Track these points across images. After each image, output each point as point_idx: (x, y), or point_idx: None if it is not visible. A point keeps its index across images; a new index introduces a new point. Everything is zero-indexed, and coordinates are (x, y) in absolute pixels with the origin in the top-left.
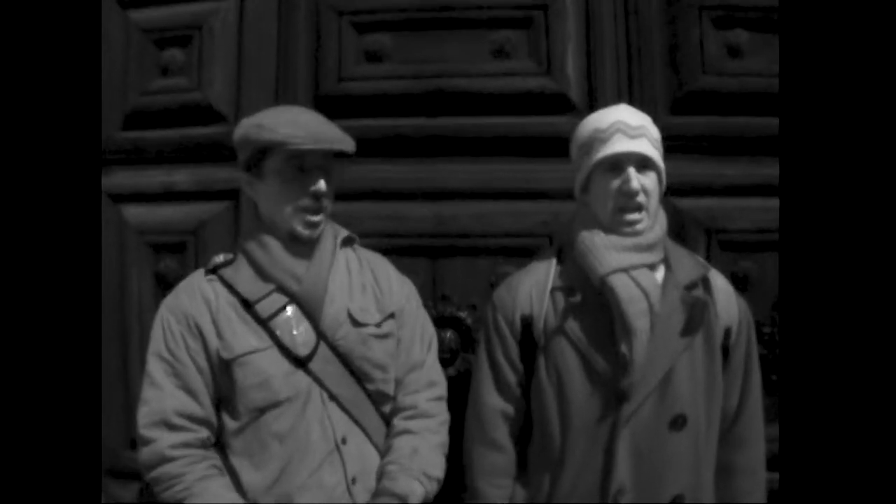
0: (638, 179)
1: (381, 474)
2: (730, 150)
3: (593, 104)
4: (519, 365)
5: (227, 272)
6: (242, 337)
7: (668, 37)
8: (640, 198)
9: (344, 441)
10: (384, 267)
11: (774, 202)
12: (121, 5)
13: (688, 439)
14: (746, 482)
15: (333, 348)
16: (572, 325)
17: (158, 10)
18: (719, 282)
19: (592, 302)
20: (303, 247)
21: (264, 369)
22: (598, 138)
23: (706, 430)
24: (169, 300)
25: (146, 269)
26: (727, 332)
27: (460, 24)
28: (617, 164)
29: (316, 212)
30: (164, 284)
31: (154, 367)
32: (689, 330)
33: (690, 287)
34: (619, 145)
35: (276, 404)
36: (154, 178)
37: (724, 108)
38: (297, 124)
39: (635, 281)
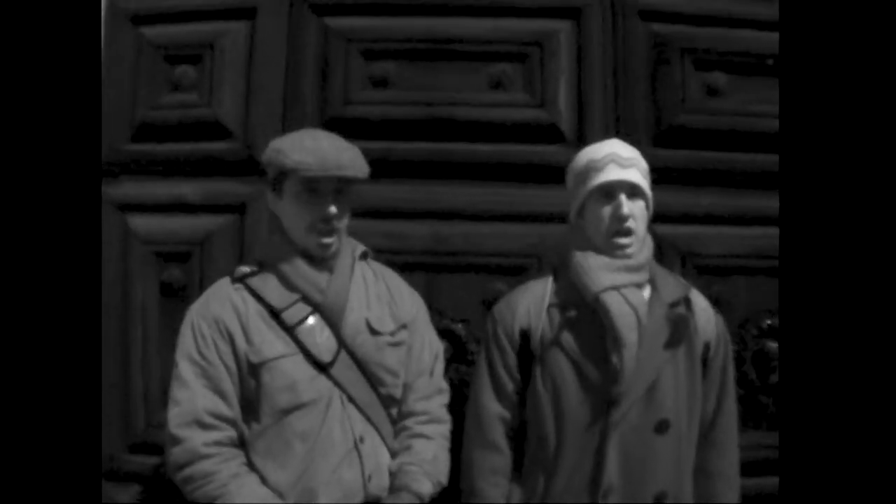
0: (628, 206)
1: (398, 472)
2: (706, 181)
3: (582, 136)
4: (517, 374)
5: (254, 282)
6: (270, 343)
7: (652, 76)
8: (630, 223)
9: (362, 440)
10: (396, 280)
11: (745, 230)
12: (133, 22)
13: (670, 442)
14: (722, 484)
15: (352, 354)
16: (567, 338)
17: (170, 27)
18: (699, 301)
19: (585, 317)
20: (323, 260)
21: (291, 373)
22: (594, 168)
23: (687, 433)
24: (198, 307)
25: (151, 277)
26: (706, 346)
27: (461, 56)
28: (610, 191)
29: (328, 234)
30: (169, 293)
31: (185, 368)
32: (672, 343)
33: (674, 305)
34: (612, 174)
35: (300, 406)
36: (162, 189)
37: (701, 143)
38: (310, 150)
39: (625, 298)
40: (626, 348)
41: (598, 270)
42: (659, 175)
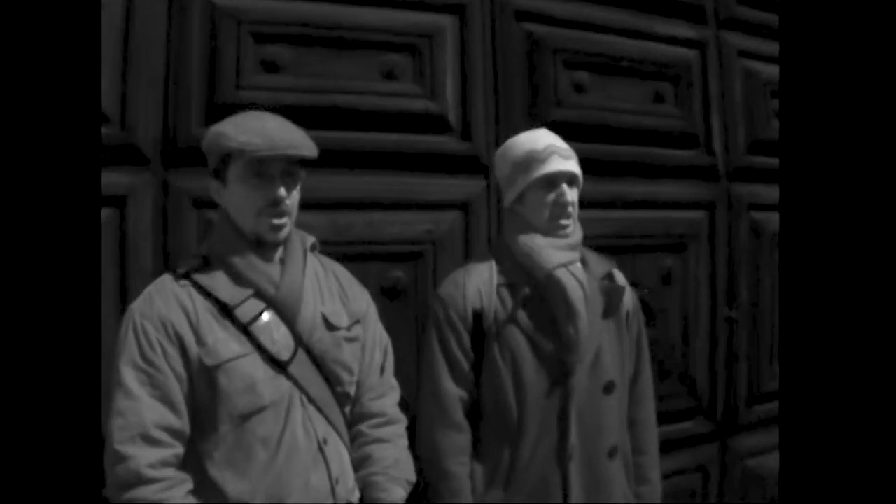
0: (570, 193)
1: (365, 486)
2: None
3: (467, 128)
4: (471, 353)
5: (201, 277)
6: (225, 343)
7: (529, 73)
8: (570, 208)
9: (325, 442)
10: (346, 273)
11: (610, 213)
12: None
13: (615, 400)
14: (646, 432)
15: (308, 352)
16: (521, 315)
17: None
18: (619, 275)
19: (535, 294)
20: (272, 251)
21: (250, 374)
22: (536, 158)
23: (624, 392)
24: (141, 306)
25: None
26: (627, 314)
27: (355, 44)
28: (552, 180)
29: (279, 215)
30: None
31: (128, 376)
32: (608, 312)
33: (603, 279)
34: (556, 165)
35: (261, 409)
36: None
37: (573, 135)
38: (256, 131)
39: (572, 274)
40: (580, 318)
41: (547, 249)
42: None
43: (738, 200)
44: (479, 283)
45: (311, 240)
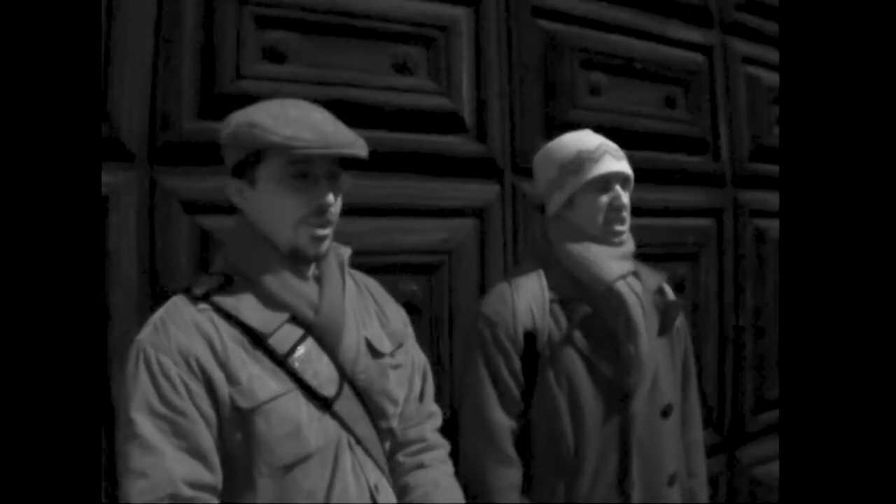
0: (624, 196)
1: None
2: None
3: (482, 128)
4: (521, 378)
5: (224, 300)
6: (261, 380)
7: (545, 72)
8: (625, 212)
9: (377, 489)
10: (379, 289)
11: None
12: None
13: (673, 424)
14: (698, 454)
15: (352, 384)
16: (577, 335)
17: None
18: (667, 288)
19: (591, 311)
20: (305, 267)
21: (293, 416)
22: (589, 158)
23: (680, 414)
24: (152, 337)
25: None
26: (677, 330)
27: (364, 33)
28: (606, 182)
29: (324, 225)
30: None
31: (145, 426)
32: (664, 329)
33: (656, 293)
34: (610, 165)
35: (306, 457)
36: None
37: None
38: (303, 124)
39: (631, 287)
40: (640, 337)
41: (606, 260)
42: None
43: (743, 207)
44: (529, 299)
45: (347, 252)
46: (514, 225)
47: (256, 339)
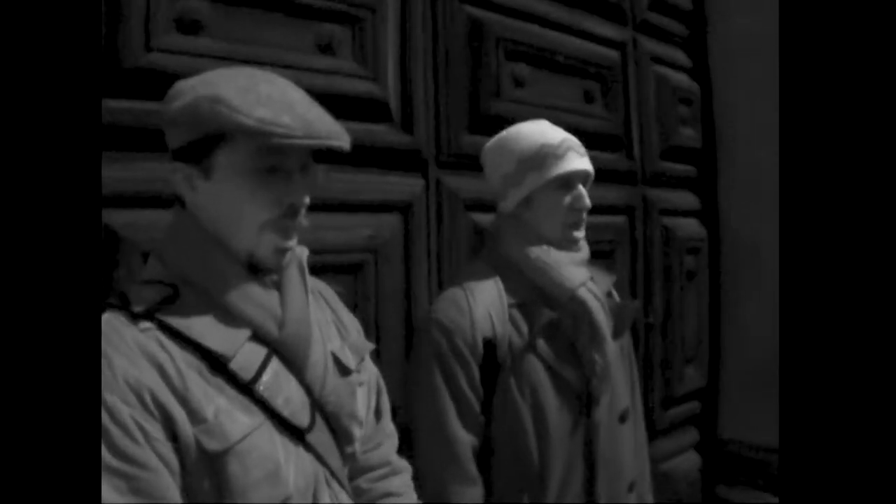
0: (587, 197)
1: None
2: None
3: (407, 118)
4: (480, 390)
5: (170, 317)
6: (229, 414)
7: (472, 63)
8: (585, 214)
9: None
10: (333, 294)
11: None
12: None
13: (630, 429)
14: (644, 455)
15: (320, 407)
16: (539, 342)
17: None
18: (614, 292)
19: (554, 315)
20: (264, 274)
21: (269, 454)
22: (552, 153)
23: (635, 417)
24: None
25: None
26: None
27: (287, 8)
28: (568, 181)
29: (290, 234)
30: None
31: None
32: (618, 333)
33: (608, 295)
34: (575, 163)
35: (286, 501)
36: None
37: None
38: (280, 105)
39: (593, 293)
40: (606, 343)
41: (566, 266)
42: (476, 162)
43: (653, 206)
44: (487, 305)
45: (304, 252)
46: (439, 222)
47: (216, 364)
